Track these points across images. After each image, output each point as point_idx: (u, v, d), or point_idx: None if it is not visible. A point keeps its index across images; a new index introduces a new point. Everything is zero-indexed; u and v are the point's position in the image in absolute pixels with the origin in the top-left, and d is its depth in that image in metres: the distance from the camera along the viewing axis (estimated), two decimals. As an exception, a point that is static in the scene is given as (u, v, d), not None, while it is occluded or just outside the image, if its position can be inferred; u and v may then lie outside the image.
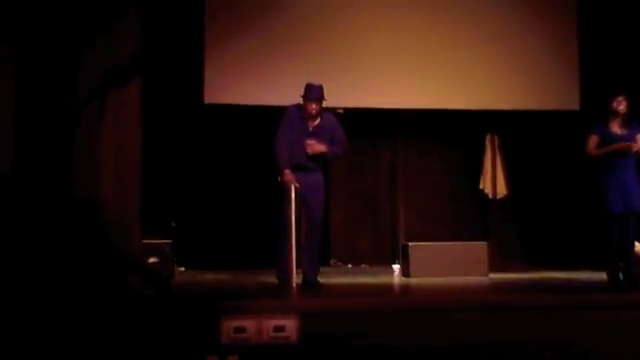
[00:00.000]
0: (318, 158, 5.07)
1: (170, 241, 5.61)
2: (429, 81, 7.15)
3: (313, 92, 5.01)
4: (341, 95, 6.59)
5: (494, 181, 7.53)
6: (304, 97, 5.04)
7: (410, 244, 6.15)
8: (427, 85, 7.14)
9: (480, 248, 6.15)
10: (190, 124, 7.09)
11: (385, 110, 7.18)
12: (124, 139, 4.30)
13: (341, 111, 6.71)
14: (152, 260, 5.26)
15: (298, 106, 5.10)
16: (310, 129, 5.09)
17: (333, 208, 7.43)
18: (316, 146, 5.02)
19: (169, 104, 6.83)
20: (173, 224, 6.47)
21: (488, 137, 7.60)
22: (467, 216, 7.69)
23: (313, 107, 5.01)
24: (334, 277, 5.96)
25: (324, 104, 5.09)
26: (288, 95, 5.39)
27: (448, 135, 7.60)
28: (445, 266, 5.94)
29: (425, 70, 7.16)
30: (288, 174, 4.98)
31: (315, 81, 5.07)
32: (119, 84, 4.25)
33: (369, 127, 7.48)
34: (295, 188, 4.97)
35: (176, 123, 7.00)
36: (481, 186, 7.57)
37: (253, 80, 6.82)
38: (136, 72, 4.31)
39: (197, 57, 6.79)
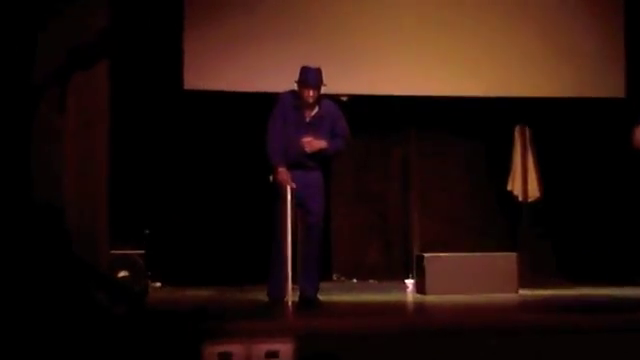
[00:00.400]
0: (317, 154, 5.08)
1: (143, 252, 5.61)
2: (449, 64, 7.13)
3: (310, 76, 5.01)
4: (344, 80, 6.58)
5: (525, 181, 7.53)
6: (299, 82, 5.04)
7: (426, 255, 6.15)
8: (446, 69, 7.12)
9: (508, 260, 6.14)
10: (167, 113, 7.09)
11: (396, 98, 7.16)
12: (89, 131, 4.30)
13: (345, 99, 6.71)
14: (122, 274, 5.26)
15: (293, 93, 5.10)
16: (307, 119, 5.10)
17: (335, 213, 7.43)
18: (315, 142, 5.02)
19: (143, 90, 6.82)
20: (147, 231, 6.47)
21: (517, 129, 7.60)
22: (493, 222, 7.68)
23: (310, 94, 5.01)
24: (336, 294, 5.95)
25: (323, 90, 5.08)
26: (281, 80, 5.38)
27: (471, 127, 7.59)
28: (467, 281, 5.93)
29: (444, 51, 7.14)
30: (282, 172, 4.98)
31: (312, 64, 5.06)
32: (83, 66, 4.24)
33: (377, 118, 7.48)
34: (291, 189, 4.97)
35: (151, 112, 7.00)
36: (509, 187, 7.57)
37: (240, 63, 6.82)
38: (104, 52, 4.30)
39: (176, 36, 6.79)
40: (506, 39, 7.24)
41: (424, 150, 7.72)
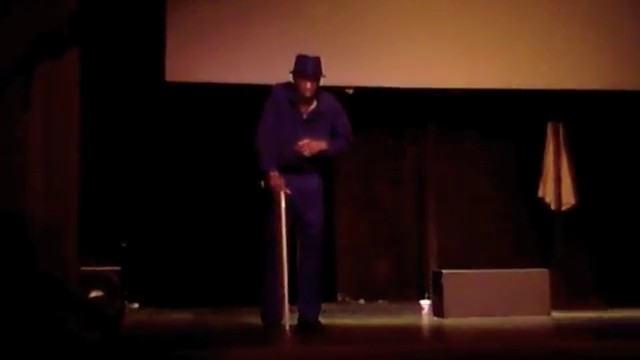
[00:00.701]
0: (316, 157, 5.10)
1: (119, 268, 5.62)
2: (472, 52, 7.13)
3: (307, 66, 5.04)
4: (349, 70, 6.63)
5: (558, 186, 7.53)
6: (295, 73, 5.08)
7: (444, 272, 6.17)
8: (468, 57, 7.12)
9: (539, 277, 6.17)
10: (147, 109, 7.11)
11: (410, 90, 7.18)
12: (58, 129, 4.31)
13: (350, 91, 6.75)
14: (95, 294, 5.28)
15: (287, 85, 5.14)
16: (304, 116, 5.13)
17: (339, 223, 7.44)
18: (313, 144, 5.05)
19: (119, 83, 6.85)
20: (123, 245, 6.48)
21: (550, 127, 7.60)
22: (521, 234, 7.70)
23: (307, 86, 5.05)
24: (341, 316, 5.99)
25: (323, 82, 5.12)
26: (274, 71, 5.42)
27: (496, 124, 7.60)
28: (492, 302, 5.95)
29: (466, 37, 7.13)
30: (275, 177, 5.01)
31: (310, 51, 5.09)
32: (51, 56, 4.27)
33: (388, 113, 7.50)
34: (285, 195, 4.99)
35: (128, 107, 7.02)
36: (540, 193, 7.57)
37: (228, 52, 6.83)
38: (73, 40, 4.33)
39: (156, 22, 6.81)
40: (537, 25, 7.21)
41: (442, 150, 7.74)
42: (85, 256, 4.68)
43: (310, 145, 5.04)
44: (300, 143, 5.02)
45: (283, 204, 4.98)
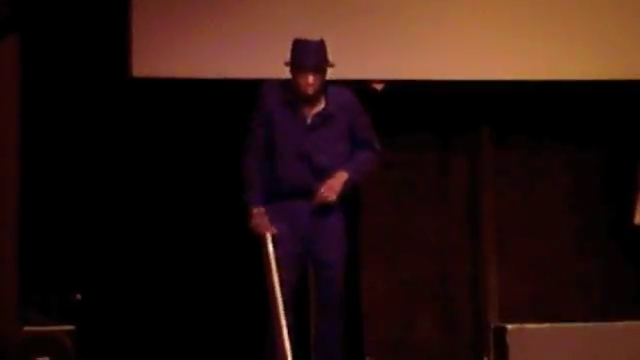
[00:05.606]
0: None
1: (72, 327, 5.68)
2: (545, 32, 7.14)
3: (306, 54, 5.11)
4: (377, 59, 6.71)
5: (663, 211, 7.55)
6: (292, 65, 5.16)
7: (509, 327, 6.20)
8: (541, 39, 7.14)
9: (638, 333, 6.24)
10: (108, 111, 7.15)
11: (460, 84, 7.21)
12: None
13: (379, 87, 6.79)
14: (41, 361, 5.35)
15: (282, 83, 5.23)
16: (308, 120, 5.20)
17: (366, 267, 7.43)
18: (335, 183, 5.09)
19: (74, 79, 6.93)
20: (78, 296, 6.52)
21: (651, 129, 7.64)
22: (613, 275, 7.71)
23: (308, 81, 5.11)
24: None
25: (337, 75, 5.24)
26: (269, 61, 5.52)
27: (576, 128, 7.63)
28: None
29: (537, 11, 7.15)
30: (257, 215, 5.10)
31: (314, 35, 5.19)
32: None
33: (431, 116, 7.51)
34: (273, 237, 5.07)
35: (85, 110, 7.07)
36: (638, 220, 7.58)
37: (208, 40, 6.85)
38: (10, 27, 4.44)
39: (119, 6, 6.91)
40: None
41: (504, 164, 7.74)
42: (29, 313, 4.74)
43: (332, 186, 5.10)
44: (318, 198, 5.08)
45: (270, 248, 5.06)
